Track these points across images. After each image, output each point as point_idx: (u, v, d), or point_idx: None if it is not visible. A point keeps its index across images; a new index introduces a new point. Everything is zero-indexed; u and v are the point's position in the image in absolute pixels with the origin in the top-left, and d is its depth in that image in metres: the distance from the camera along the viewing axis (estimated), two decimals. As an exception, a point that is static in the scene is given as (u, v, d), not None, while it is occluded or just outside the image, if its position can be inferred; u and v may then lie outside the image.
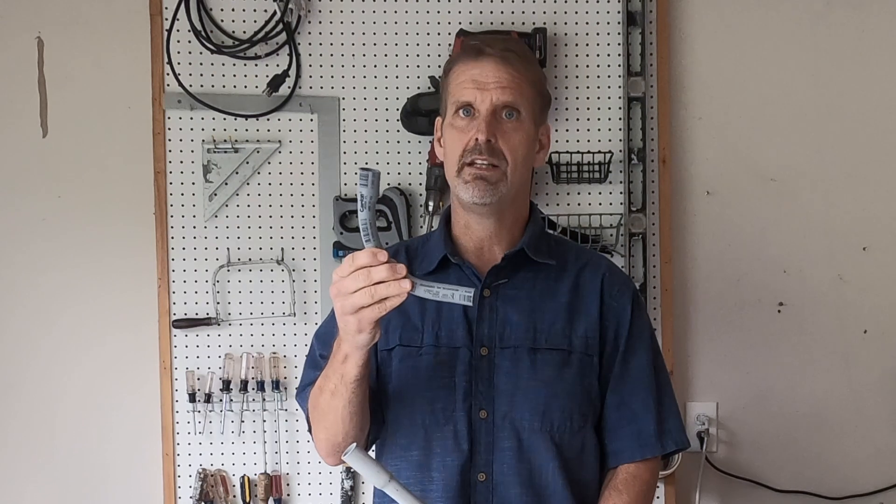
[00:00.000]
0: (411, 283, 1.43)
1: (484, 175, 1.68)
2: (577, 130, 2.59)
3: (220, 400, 2.52)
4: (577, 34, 2.59)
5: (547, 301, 1.76)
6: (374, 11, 2.57)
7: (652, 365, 1.81)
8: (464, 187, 1.69)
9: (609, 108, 2.59)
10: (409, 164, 2.56)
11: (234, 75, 2.55)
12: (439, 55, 2.53)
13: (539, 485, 1.72)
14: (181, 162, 2.54)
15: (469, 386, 1.72)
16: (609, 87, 2.59)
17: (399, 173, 2.57)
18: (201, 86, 2.54)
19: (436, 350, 1.74)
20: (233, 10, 2.54)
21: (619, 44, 2.59)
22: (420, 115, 2.50)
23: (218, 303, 2.54)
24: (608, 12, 2.59)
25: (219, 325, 2.54)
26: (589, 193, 2.59)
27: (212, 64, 2.54)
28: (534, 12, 2.57)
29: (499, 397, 1.72)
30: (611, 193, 2.59)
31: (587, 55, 2.59)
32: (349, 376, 1.58)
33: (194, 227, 2.54)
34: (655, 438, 1.78)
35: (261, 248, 2.56)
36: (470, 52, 1.73)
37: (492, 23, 2.56)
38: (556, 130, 2.58)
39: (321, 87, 2.56)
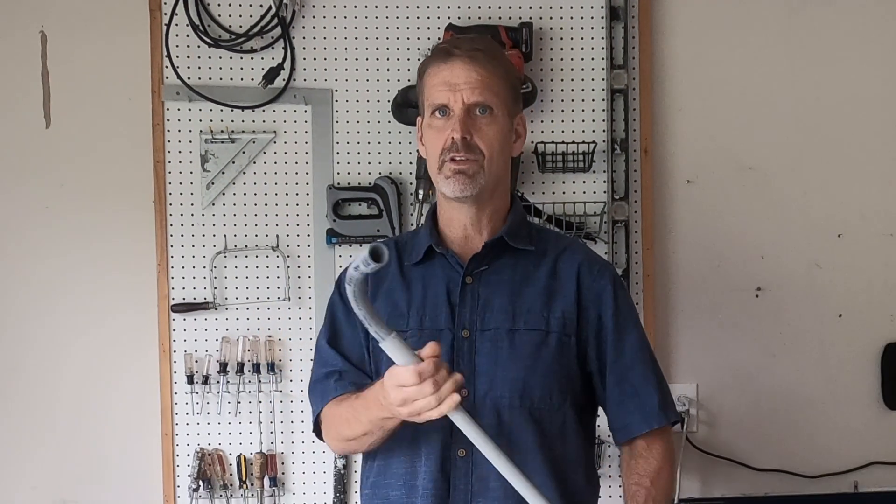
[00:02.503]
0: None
1: (462, 169, 1.77)
2: (562, 121, 2.67)
3: (218, 381, 2.59)
4: (562, 28, 2.67)
5: (526, 285, 1.83)
6: (366, 6, 2.64)
7: (644, 342, 1.89)
8: (445, 182, 1.79)
9: (593, 100, 2.67)
10: (400, 153, 2.64)
11: (231, 68, 2.62)
12: (429, 49, 2.58)
13: (518, 461, 1.75)
14: (179, 152, 2.61)
15: (451, 366, 1.75)
16: (593, 79, 2.67)
17: (390, 163, 2.64)
18: (199, 78, 2.60)
19: (420, 333, 1.81)
20: (229, 4, 2.62)
21: (602, 38, 2.67)
22: (410, 106, 2.55)
23: (215, 288, 2.61)
24: (592, 7, 2.67)
25: (216, 309, 2.60)
26: (573, 182, 2.67)
27: (209, 57, 2.61)
28: (520, 7, 2.65)
29: (479, 377, 1.79)
30: (594, 182, 2.67)
31: (572, 48, 2.67)
32: (389, 428, 1.70)
33: (192, 215, 2.61)
34: (659, 410, 1.84)
35: (256, 235, 2.62)
36: (439, 54, 1.81)
37: (479, 17, 2.64)
38: (542, 122, 2.66)
39: (315, 80, 2.64)
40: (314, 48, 2.63)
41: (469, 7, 2.64)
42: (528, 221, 1.98)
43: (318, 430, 1.90)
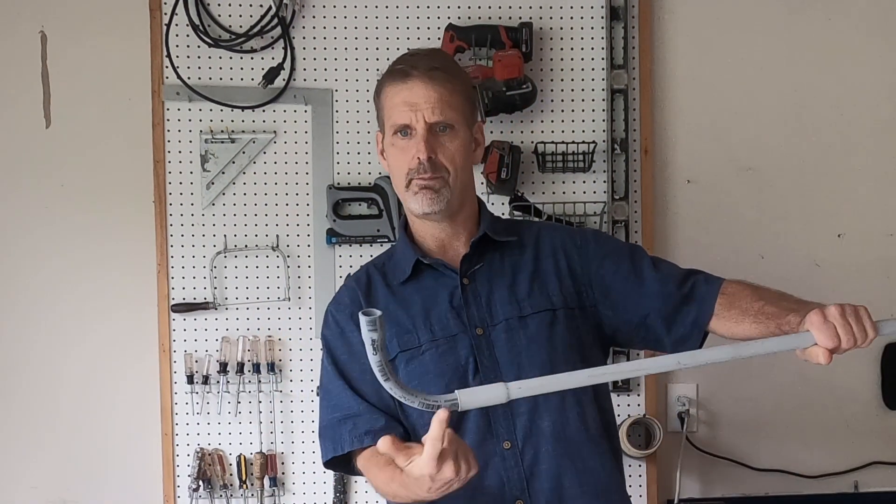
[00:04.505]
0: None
1: (429, 185, 1.78)
2: (563, 122, 2.67)
3: (218, 381, 2.59)
4: (562, 28, 2.68)
5: (518, 273, 1.86)
6: (366, 6, 2.65)
7: (656, 260, 1.88)
8: (413, 199, 1.80)
9: (593, 100, 2.68)
10: (400, 153, 2.64)
11: (231, 68, 2.62)
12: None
13: (566, 437, 1.77)
14: (179, 152, 2.62)
15: (475, 366, 1.78)
16: (593, 79, 2.68)
17: (390, 163, 2.64)
18: (199, 78, 2.61)
19: (435, 343, 1.80)
20: (229, 4, 2.62)
21: (602, 38, 2.67)
22: (410, 106, 2.56)
23: (215, 288, 2.61)
24: (592, 7, 2.67)
25: (216, 309, 2.61)
26: (573, 182, 2.68)
27: (209, 57, 2.62)
28: (520, 7, 2.66)
29: (504, 367, 1.78)
30: (594, 182, 2.68)
31: (572, 49, 2.68)
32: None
33: (192, 215, 2.61)
34: (707, 283, 1.81)
35: (256, 235, 2.63)
36: (397, 74, 1.81)
37: (479, 17, 2.65)
38: (542, 122, 2.67)
39: (315, 80, 2.64)
40: (314, 48, 2.64)
41: (469, 7, 2.65)
42: (499, 217, 2.02)
43: (331, 468, 1.87)
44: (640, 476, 2.66)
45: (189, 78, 2.59)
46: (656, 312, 1.82)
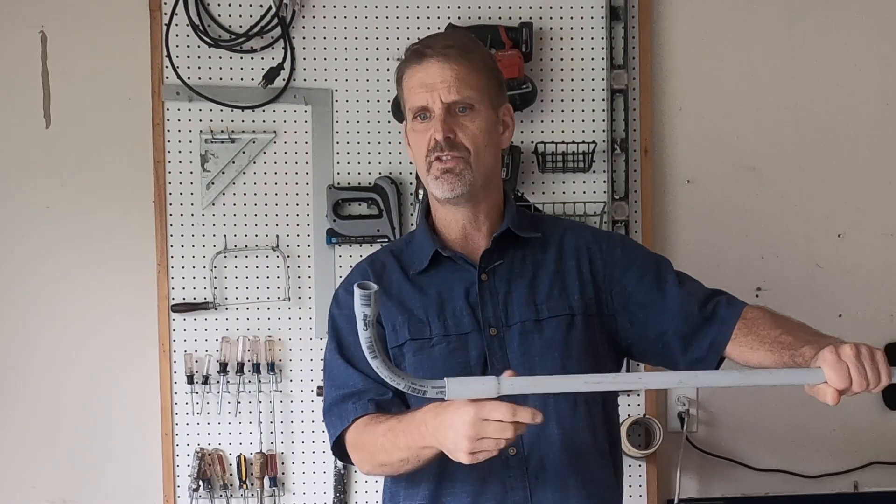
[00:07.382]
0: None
1: (450, 167, 1.73)
2: (563, 121, 2.67)
3: (218, 381, 2.59)
4: (562, 28, 2.68)
5: (539, 273, 1.81)
6: (366, 6, 2.65)
7: (681, 276, 1.85)
8: (434, 183, 1.76)
9: (593, 100, 2.68)
10: (400, 153, 2.64)
11: (231, 68, 2.62)
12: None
13: (574, 446, 1.74)
14: (179, 152, 2.62)
15: (485, 368, 1.75)
16: (593, 79, 2.68)
17: (390, 163, 2.65)
18: (199, 78, 2.61)
19: (446, 339, 1.76)
20: (229, 4, 2.62)
21: (602, 38, 2.67)
22: (410, 106, 2.57)
23: (215, 288, 2.61)
24: (592, 7, 2.67)
25: (216, 309, 2.61)
26: (573, 182, 2.67)
27: (209, 57, 2.62)
28: (520, 7, 2.66)
29: (516, 370, 1.69)
30: (594, 182, 2.67)
31: (572, 49, 2.68)
32: (426, 458, 1.64)
33: (192, 215, 2.61)
34: (728, 306, 1.78)
35: (256, 235, 2.63)
36: (413, 56, 1.78)
37: (479, 17, 2.65)
38: (542, 122, 2.66)
39: (315, 80, 2.64)
40: (314, 48, 2.64)
41: (469, 7, 2.65)
42: (523, 211, 1.96)
43: (338, 453, 1.83)
44: (640, 476, 2.66)
45: (189, 78, 2.59)
46: (675, 331, 1.78)
